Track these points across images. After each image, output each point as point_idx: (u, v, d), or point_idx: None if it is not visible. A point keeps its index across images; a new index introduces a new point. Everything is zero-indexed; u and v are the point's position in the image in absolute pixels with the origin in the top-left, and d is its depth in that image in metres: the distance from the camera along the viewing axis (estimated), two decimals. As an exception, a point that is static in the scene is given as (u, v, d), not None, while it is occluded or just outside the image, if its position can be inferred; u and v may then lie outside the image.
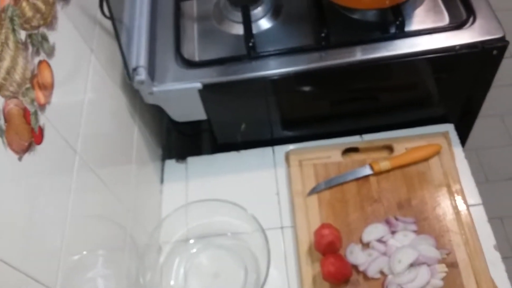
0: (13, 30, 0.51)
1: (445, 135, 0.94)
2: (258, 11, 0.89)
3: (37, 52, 0.55)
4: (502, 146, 1.68)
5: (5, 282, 0.45)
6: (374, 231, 0.83)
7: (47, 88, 0.57)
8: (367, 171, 0.90)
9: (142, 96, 0.83)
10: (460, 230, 0.83)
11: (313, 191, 0.90)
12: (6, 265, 0.45)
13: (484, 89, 0.90)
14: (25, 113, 0.51)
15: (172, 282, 0.86)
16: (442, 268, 0.79)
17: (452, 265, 0.80)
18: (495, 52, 0.80)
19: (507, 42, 0.79)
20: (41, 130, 0.54)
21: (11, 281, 0.46)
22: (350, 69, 0.81)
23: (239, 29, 0.87)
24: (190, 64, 0.84)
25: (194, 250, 0.89)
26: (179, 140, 1.08)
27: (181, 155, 1.01)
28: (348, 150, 0.94)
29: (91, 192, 0.66)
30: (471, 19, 0.82)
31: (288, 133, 0.98)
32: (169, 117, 0.89)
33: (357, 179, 0.90)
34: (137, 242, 0.80)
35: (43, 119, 0.55)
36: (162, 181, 0.98)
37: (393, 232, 0.83)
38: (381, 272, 0.80)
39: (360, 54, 0.81)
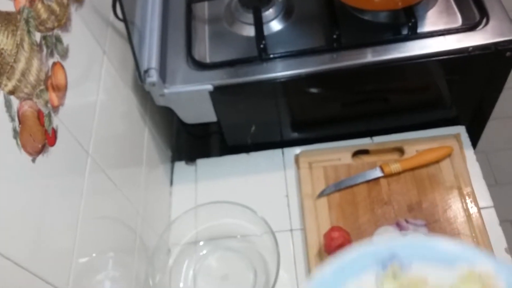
0: (28, 32, 0.51)
1: (457, 137, 0.93)
2: (269, 12, 0.89)
3: (51, 54, 0.55)
4: (512, 149, 1.67)
5: (16, 283, 0.45)
6: (384, 234, 0.83)
7: (61, 89, 0.57)
8: (377, 173, 0.90)
9: (153, 98, 0.83)
10: (471, 233, 0.82)
11: (323, 194, 0.89)
12: (17, 266, 0.45)
13: (496, 91, 0.90)
14: (39, 114, 0.51)
15: (181, 285, 0.86)
16: (453, 272, 0.78)
17: (464, 269, 0.79)
18: (508, 53, 0.80)
19: (521, 44, 0.79)
20: (55, 131, 0.54)
21: (21, 283, 0.46)
22: (361, 71, 0.81)
23: (250, 31, 0.87)
24: (201, 66, 0.84)
25: (204, 252, 0.89)
26: (189, 142, 1.08)
27: (190, 157, 1.00)
28: (358, 152, 0.94)
29: (102, 194, 0.66)
30: (484, 21, 0.81)
31: (298, 135, 0.98)
32: (179, 119, 0.89)
33: (367, 182, 0.90)
34: (147, 244, 0.80)
35: (57, 120, 0.55)
36: (171, 183, 0.98)
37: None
38: (392, 275, 0.79)
39: (371, 56, 0.80)
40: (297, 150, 0.97)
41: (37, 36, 0.53)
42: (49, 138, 0.53)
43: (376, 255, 0.55)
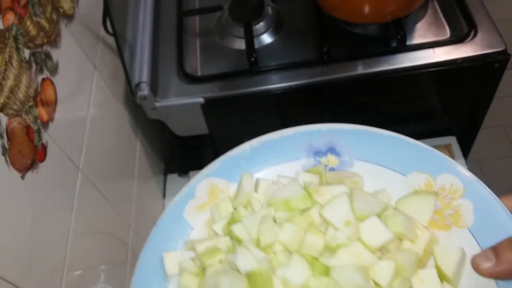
0: (17, 49, 0.51)
1: (448, 147, 0.93)
2: (260, 26, 0.89)
3: (40, 70, 0.55)
4: (505, 157, 1.67)
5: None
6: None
7: (50, 105, 0.57)
8: (370, 184, 0.89)
9: (145, 111, 0.83)
10: (464, 243, 0.82)
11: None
12: (8, 284, 0.45)
13: (486, 102, 0.90)
14: (28, 131, 0.51)
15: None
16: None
17: (456, 279, 0.79)
18: (496, 65, 0.80)
19: (509, 55, 0.79)
20: (44, 147, 0.54)
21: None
22: (351, 83, 0.81)
23: (241, 44, 0.88)
24: (192, 79, 0.84)
25: (197, 265, 0.88)
26: (181, 154, 1.08)
27: (183, 169, 1.00)
28: (351, 164, 0.94)
29: (93, 208, 0.66)
30: (472, 33, 0.82)
31: (290, 146, 0.98)
32: (172, 132, 0.89)
33: (360, 193, 0.89)
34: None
35: (46, 136, 0.55)
36: (164, 195, 0.98)
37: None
38: None
39: (361, 68, 0.81)
40: (290, 161, 0.97)
41: (26, 53, 0.53)
42: (39, 154, 0.53)
43: (310, 143, 0.49)
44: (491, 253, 0.41)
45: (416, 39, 0.84)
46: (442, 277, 0.42)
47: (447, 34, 0.85)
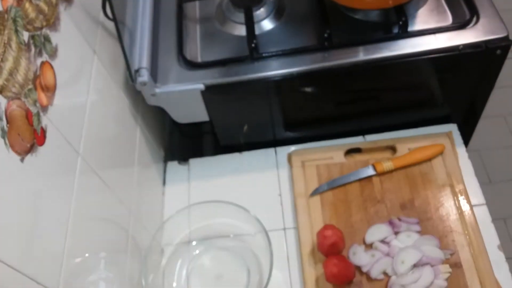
0: (16, 31, 0.50)
1: (449, 135, 0.93)
2: (260, 12, 0.89)
3: (39, 53, 0.55)
4: (505, 147, 1.67)
5: (7, 284, 0.45)
6: (377, 232, 0.83)
7: (50, 89, 0.57)
8: (370, 171, 0.90)
9: (145, 98, 0.83)
10: (463, 230, 0.83)
11: (316, 192, 0.89)
12: (8, 267, 0.45)
13: (487, 89, 0.90)
14: (28, 114, 0.51)
15: (174, 284, 0.86)
16: (445, 269, 0.79)
17: (456, 266, 0.79)
18: (498, 51, 0.80)
19: (511, 42, 0.79)
20: (44, 131, 0.54)
21: (13, 283, 0.46)
22: (353, 70, 0.81)
23: (241, 30, 0.87)
24: (192, 65, 0.84)
25: (197, 252, 0.89)
26: (182, 142, 1.08)
27: (183, 157, 1.00)
28: (351, 151, 0.94)
29: (93, 194, 0.66)
30: (474, 19, 0.82)
31: (291, 134, 0.98)
32: (172, 119, 0.89)
33: (360, 180, 0.90)
34: (139, 244, 0.80)
35: (46, 120, 0.55)
36: (164, 182, 0.97)
37: (396, 233, 0.83)
38: (385, 273, 0.79)
39: (363, 54, 0.81)
40: (290, 149, 0.97)
41: (25, 36, 0.52)
42: (38, 138, 0.53)
43: None
44: None
45: (418, 25, 0.84)
46: None
47: (449, 20, 0.84)
